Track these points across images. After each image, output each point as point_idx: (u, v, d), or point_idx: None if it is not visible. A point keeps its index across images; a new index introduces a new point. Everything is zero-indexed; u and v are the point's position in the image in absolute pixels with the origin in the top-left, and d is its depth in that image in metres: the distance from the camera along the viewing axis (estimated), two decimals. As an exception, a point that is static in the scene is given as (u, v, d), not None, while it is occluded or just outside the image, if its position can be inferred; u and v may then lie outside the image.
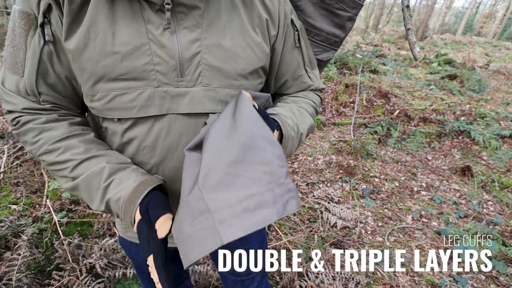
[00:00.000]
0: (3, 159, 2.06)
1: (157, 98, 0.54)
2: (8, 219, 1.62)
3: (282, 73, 0.70)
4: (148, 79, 0.53)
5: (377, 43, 10.17)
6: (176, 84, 0.54)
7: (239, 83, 0.59)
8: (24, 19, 0.50)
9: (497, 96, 4.84)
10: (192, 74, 0.55)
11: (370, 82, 4.83)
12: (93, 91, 0.55)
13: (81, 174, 0.55)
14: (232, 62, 0.57)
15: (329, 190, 2.51)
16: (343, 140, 3.43)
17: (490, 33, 26.22)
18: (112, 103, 0.55)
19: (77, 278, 1.37)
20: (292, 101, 0.72)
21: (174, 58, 0.53)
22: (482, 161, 3.18)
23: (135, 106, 0.54)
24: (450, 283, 1.70)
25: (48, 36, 0.51)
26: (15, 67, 0.53)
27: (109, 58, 0.51)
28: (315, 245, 1.87)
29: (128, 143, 0.60)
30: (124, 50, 0.51)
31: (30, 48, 0.52)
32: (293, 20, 0.65)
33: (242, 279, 0.92)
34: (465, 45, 12.17)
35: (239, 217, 0.41)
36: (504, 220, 2.26)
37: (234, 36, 0.56)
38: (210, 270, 1.56)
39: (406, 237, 2.08)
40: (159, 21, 0.51)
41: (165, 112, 0.55)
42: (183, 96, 0.55)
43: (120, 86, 0.53)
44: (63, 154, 0.55)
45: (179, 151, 0.58)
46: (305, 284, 1.56)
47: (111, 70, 0.51)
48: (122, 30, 0.50)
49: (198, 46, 0.54)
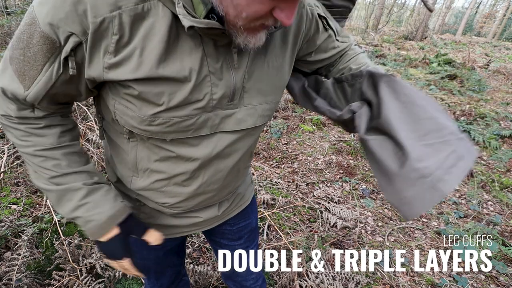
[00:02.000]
0: (3, 159, 2.06)
1: (210, 121, 0.59)
2: (8, 219, 1.62)
3: (320, 55, 0.74)
4: (206, 106, 0.57)
5: (377, 43, 10.17)
6: (225, 107, 0.60)
7: (272, 97, 0.66)
8: (48, 45, 0.47)
9: (497, 96, 4.84)
10: (239, 98, 0.61)
11: (370, 82, 4.82)
12: (155, 117, 0.55)
13: (58, 184, 0.59)
14: (269, 82, 0.63)
15: (329, 190, 2.51)
16: (343, 140, 3.43)
17: (490, 33, 26.23)
18: (171, 127, 0.57)
19: (77, 278, 1.37)
20: (358, 64, 0.73)
21: (230, 87, 0.57)
22: (482, 161, 3.18)
23: (191, 129, 0.58)
24: (450, 283, 1.71)
25: (72, 70, 0.49)
26: (22, 76, 0.51)
27: (181, 92, 0.53)
28: (315, 245, 1.87)
29: (176, 158, 0.63)
30: (192, 83, 0.53)
31: (46, 73, 0.49)
32: (319, 13, 0.68)
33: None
34: (465, 45, 12.18)
35: (449, 173, 0.52)
36: (504, 220, 2.27)
37: (276, 60, 0.63)
38: (210, 270, 1.56)
39: (406, 237, 2.08)
40: (218, 55, 0.54)
41: (214, 131, 0.61)
42: (230, 117, 0.61)
43: (183, 114, 0.56)
44: (46, 162, 0.58)
45: (221, 157, 0.65)
46: (305, 284, 1.56)
47: (180, 101, 0.54)
48: (190, 64, 0.52)
49: (245, 74, 0.59)
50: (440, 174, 0.52)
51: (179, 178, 0.66)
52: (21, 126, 0.57)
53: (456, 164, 0.53)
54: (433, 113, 0.58)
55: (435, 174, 0.52)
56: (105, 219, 0.60)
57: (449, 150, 0.54)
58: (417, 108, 0.58)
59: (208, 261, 1.68)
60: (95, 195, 0.61)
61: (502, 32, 26.83)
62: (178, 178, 0.66)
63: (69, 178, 0.59)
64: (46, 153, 0.58)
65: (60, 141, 0.59)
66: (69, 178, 0.59)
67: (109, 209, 0.61)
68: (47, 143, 0.58)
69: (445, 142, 0.55)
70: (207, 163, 0.65)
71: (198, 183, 0.67)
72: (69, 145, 0.61)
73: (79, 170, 0.61)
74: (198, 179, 0.67)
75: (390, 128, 0.58)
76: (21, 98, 0.53)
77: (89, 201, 0.60)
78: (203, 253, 1.75)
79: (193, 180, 0.67)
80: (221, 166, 0.67)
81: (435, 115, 0.57)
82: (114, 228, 0.62)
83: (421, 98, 0.59)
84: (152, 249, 0.82)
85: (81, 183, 0.60)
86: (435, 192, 0.51)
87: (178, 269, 1.01)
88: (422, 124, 0.57)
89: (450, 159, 0.53)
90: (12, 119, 0.56)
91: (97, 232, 0.61)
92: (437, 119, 0.57)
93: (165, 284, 0.97)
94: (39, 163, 0.58)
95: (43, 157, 0.58)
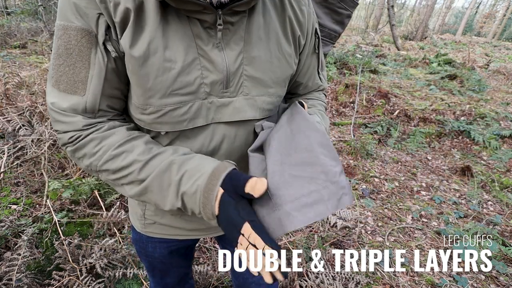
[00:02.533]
0: (3, 159, 2.06)
1: (204, 109, 0.57)
2: (8, 219, 1.62)
3: (301, 76, 0.74)
4: (198, 92, 0.55)
5: (377, 43, 10.18)
6: (220, 95, 0.58)
7: (274, 90, 0.63)
8: (86, 37, 0.49)
9: (497, 96, 4.84)
10: (235, 85, 0.58)
11: (370, 82, 4.83)
12: (145, 105, 0.55)
13: (150, 174, 0.54)
14: (269, 72, 0.61)
15: (329, 190, 2.51)
16: (343, 140, 3.43)
17: (490, 33, 26.23)
18: (164, 117, 0.56)
19: (77, 278, 1.37)
20: (312, 105, 0.76)
21: (223, 72, 0.55)
22: (482, 161, 3.18)
23: (186, 119, 0.57)
24: (450, 283, 1.71)
25: (113, 52, 0.51)
26: (74, 86, 0.52)
27: (167, 74, 0.52)
28: (315, 245, 1.87)
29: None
30: (179, 66, 0.52)
31: (95, 65, 0.51)
32: (316, 28, 0.69)
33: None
34: (465, 45, 12.18)
35: (300, 211, 0.47)
36: (504, 220, 2.27)
37: (271, 47, 0.60)
38: (210, 270, 1.56)
39: (406, 237, 2.08)
40: (208, 37, 0.53)
41: (210, 121, 0.59)
42: (227, 106, 0.59)
43: (174, 101, 0.54)
44: (128, 157, 0.54)
45: (220, 153, 0.63)
46: (305, 284, 1.56)
47: (167, 86, 0.53)
48: (177, 46, 0.52)
49: (241, 59, 0.57)
50: (289, 209, 0.48)
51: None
52: (91, 135, 0.55)
53: (312, 205, 0.48)
54: (315, 146, 0.54)
55: (285, 207, 0.48)
56: (206, 178, 0.51)
57: (312, 188, 0.49)
58: (301, 137, 0.56)
59: (208, 261, 1.68)
60: (190, 163, 0.54)
61: (502, 32, 26.83)
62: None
63: (156, 160, 0.55)
64: (124, 147, 0.55)
65: (130, 133, 0.57)
66: (156, 160, 0.55)
67: (208, 169, 0.53)
68: (120, 138, 0.55)
69: (312, 179, 0.50)
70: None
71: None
72: (142, 135, 0.59)
73: (162, 151, 0.56)
74: None
75: (265, 150, 0.58)
76: (81, 107, 0.53)
77: (186, 170, 0.53)
78: (203, 253, 1.75)
79: None
80: None
81: (316, 149, 0.53)
82: (219, 190, 0.52)
83: (311, 129, 0.57)
84: (157, 246, 0.81)
85: (171, 157, 0.55)
86: (280, 225, 0.48)
87: (185, 271, 1.00)
88: (298, 154, 0.54)
89: (308, 198, 0.49)
90: (79, 135, 0.55)
91: (208, 202, 0.51)
92: (317, 154, 0.53)
93: (170, 284, 0.97)
94: (124, 162, 0.54)
95: (125, 153, 0.54)
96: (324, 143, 0.55)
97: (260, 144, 0.61)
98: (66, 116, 0.54)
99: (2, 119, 2.38)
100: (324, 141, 0.55)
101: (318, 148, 0.54)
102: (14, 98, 2.67)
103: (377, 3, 15.38)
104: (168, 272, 0.95)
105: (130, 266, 1.48)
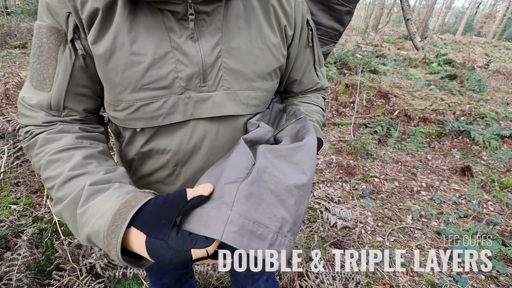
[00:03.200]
0: (3, 159, 2.06)
1: (181, 105, 0.55)
2: (8, 219, 1.62)
3: (294, 71, 0.71)
4: (172, 86, 0.53)
5: (377, 43, 10.17)
6: (198, 90, 0.55)
7: (259, 84, 0.60)
8: (54, 35, 0.50)
9: (497, 96, 4.84)
10: (214, 79, 0.55)
11: (370, 82, 4.83)
12: (116, 101, 0.54)
13: (64, 198, 0.47)
14: (252, 64, 0.57)
15: (329, 190, 2.51)
16: (343, 140, 3.43)
17: (490, 33, 26.22)
18: (137, 113, 0.54)
19: (77, 278, 1.37)
20: (308, 112, 0.73)
21: (198, 64, 0.53)
22: (482, 161, 3.18)
23: (161, 115, 0.54)
24: (450, 283, 1.71)
25: (81, 50, 0.51)
26: (43, 83, 0.53)
27: (135, 68, 0.51)
28: (315, 245, 1.87)
29: (151, 150, 0.60)
30: (149, 59, 0.51)
31: (61, 62, 0.52)
32: (308, 20, 0.66)
33: (252, 273, 0.93)
34: (465, 45, 12.17)
35: (242, 232, 0.44)
36: (504, 220, 2.27)
37: (253, 38, 0.57)
38: (210, 270, 1.56)
39: (406, 237, 2.08)
40: (181, 30, 0.51)
41: (189, 117, 0.56)
42: (206, 101, 0.56)
43: (145, 96, 0.53)
44: (60, 167, 0.49)
45: (202, 152, 0.59)
46: (305, 284, 1.56)
47: (137, 80, 0.51)
48: (146, 40, 0.51)
49: (219, 51, 0.54)
50: (238, 222, 0.44)
51: (160, 174, 0.62)
52: (40, 135, 0.53)
53: (256, 238, 0.45)
54: (294, 191, 0.51)
55: (237, 217, 0.44)
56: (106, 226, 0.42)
57: (269, 225, 0.47)
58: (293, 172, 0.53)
59: (208, 261, 1.68)
60: (101, 195, 0.46)
61: (502, 32, 26.83)
62: (159, 175, 0.63)
63: (78, 181, 0.48)
64: (61, 155, 0.51)
65: (78, 142, 0.54)
66: (78, 181, 0.48)
67: (112, 205, 0.43)
68: (62, 144, 0.52)
69: (274, 219, 0.47)
70: (186, 158, 0.59)
71: (181, 181, 0.63)
72: (89, 147, 0.54)
73: (92, 171, 0.49)
74: (180, 176, 0.62)
75: (259, 154, 0.54)
76: (46, 103, 0.53)
77: (90, 205, 0.45)
78: (203, 253, 1.75)
79: (176, 178, 0.63)
80: (205, 164, 0.60)
81: (292, 193, 0.50)
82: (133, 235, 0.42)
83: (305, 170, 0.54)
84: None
85: (87, 182, 0.47)
86: (218, 228, 0.44)
87: (182, 272, 1.00)
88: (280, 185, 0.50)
89: (259, 229, 0.46)
90: (32, 131, 0.54)
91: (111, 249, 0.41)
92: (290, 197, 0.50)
93: (167, 284, 0.97)
94: (52, 172, 0.49)
95: (59, 162, 0.50)
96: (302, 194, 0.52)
97: (257, 138, 0.58)
98: (30, 111, 0.54)
99: (2, 119, 2.38)
100: (304, 192, 0.52)
101: (295, 192, 0.51)
102: (14, 98, 2.67)
103: (377, 3, 15.37)
104: (164, 273, 0.95)
105: (130, 266, 1.48)
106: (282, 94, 0.80)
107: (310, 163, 0.55)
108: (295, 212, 0.50)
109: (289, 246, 0.49)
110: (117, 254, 0.41)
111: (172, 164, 0.61)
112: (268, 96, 0.64)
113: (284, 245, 0.48)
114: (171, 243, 0.41)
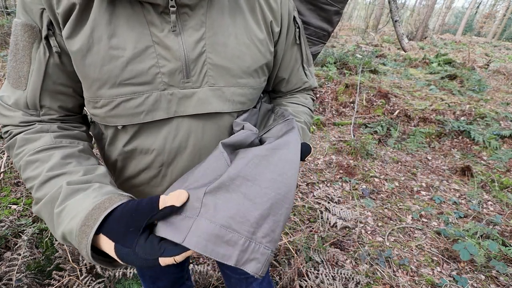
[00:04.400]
0: (3, 159, 2.06)
1: (164, 101, 0.53)
2: (8, 219, 1.62)
3: (282, 70, 0.70)
4: (154, 82, 0.51)
5: (377, 43, 10.17)
6: (182, 86, 0.53)
7: (245, 81, 0.58)
8: (28, 32, 0.49)
9: (497, 96, 4.84)
10: (198, 74, 0.54)
11: (370, 82, 4.83)
12: (95, 98, 0.53)
13: (43, 197, 0.47)
14: (237, 60, 0.56)
15: (329, 190, 2.51)
16: (343, 140, 3.43)
17: (490, 33, 26.22)
18: (117, 109, 0.53)
19: (77, 278, 1.37)
20: (295, 112, 0.72)
21: (180, 59, 0.51)
22: (482, 161, 3.18)
23: (142, 112, 0.53)
24: (450, 283, 1.71)
25: (55, 47, 0.50)
26: (18, 81, 0.52)
27: (114, 62, 0.49)
28: (315, 245, 1.87)
29: (134, 150, 0.58)
30: (129, 53, 0.49)
31: (35, 60, 0.51)
32: (295, 17, 0.65)
33: (246, 276, 0.93)
34: (465, 45, 12.17)
35: (207, 237, 0.43)
36: (504, 220, 2.27)
37: (238, 34, 0.55)
38: (210, 270, 1.56)
39: (406, 237, 2.08)
40: (163, 23, 0.50)
41: (172, 115, 0.54)
42: (190, 98, 0.54)
43: (126, 92, 0.51)
44: (39, 167, 0.49)
45: (188, 151, 0.58)
46: (305, 284, 1.56)
47: (116, 75, 0.50)
48: (126, 34, 0.49)
49: (203, 46, 0.53)
50: (203, 227, 0.43)
51: (145, 176, 0.61)
52: (19, 135, 0.53)
53: (224, 244, 0.43)
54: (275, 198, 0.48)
55: (202, 223, 0.43)
56: (79, 225, 0.42)
57: (239, 230, 0.44)
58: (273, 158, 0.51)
59: (208, 261, 1.68)
60: (78, 195, 0.46)
61: (502, 32, 26.83)
62: (144, 176, 0.61)
63: (56, 181, 0.48)
64: (40, 156, 0.50)
65: (56, 141, 0.53)
66: (56, 181, 0.48)
67: (87, 206, 0.44)
68: (40, 144, 0.52)
69: (246, 224, 0.45)
70: (172, 157, 0.58)
71: (167, 183, 0.61)
72: (69, 146, 0.54)
73: (71, 171, 0.49)
74: (166, 177, 0.60)
75: (237, 160, 0.52)
76: (22, 102, 0.53)
77: (67, 204, 0.45)
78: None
79: (162, 179, 0.61)
80: (191, 164, 0.59)
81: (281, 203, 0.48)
82: (103, 240, 0.42)
83: (288, 176, 0.51)
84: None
85: (64, 182, 0.47)
86: (181, 233, 0.43)
87: (178, 276, 0.99)
88: (254, 190, 0.48)
89: (228, 235, 0.44)
90: (11, 131, 0.54)
91: (82, 245, 0.42)
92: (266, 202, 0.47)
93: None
94: (31, 173, 0.49)
95: (37, 162, 0.50)
96: (289, 198, 0.49)
97: (236, 142, 0.55)
98: (8, 111, 0.54)
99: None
100: (290, 195, 0.50)
101: (271, 195, 0.48)
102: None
103: (377, 3, 15.37)
104: (158, 277, 0.94)
105: (130, 266, 1.48)
106: (271, 94, 0.79)
107: (287, 166, 0.52)
108: (272, 217, 0.47)
109: (265, 253, 0.45)
110: (87, 254, 0.41)
111: (157, 165, 0.59)
112: (255, 94, 0.62)
113: (258, 252, 0.45)
114: (138, 251, 0.41)
